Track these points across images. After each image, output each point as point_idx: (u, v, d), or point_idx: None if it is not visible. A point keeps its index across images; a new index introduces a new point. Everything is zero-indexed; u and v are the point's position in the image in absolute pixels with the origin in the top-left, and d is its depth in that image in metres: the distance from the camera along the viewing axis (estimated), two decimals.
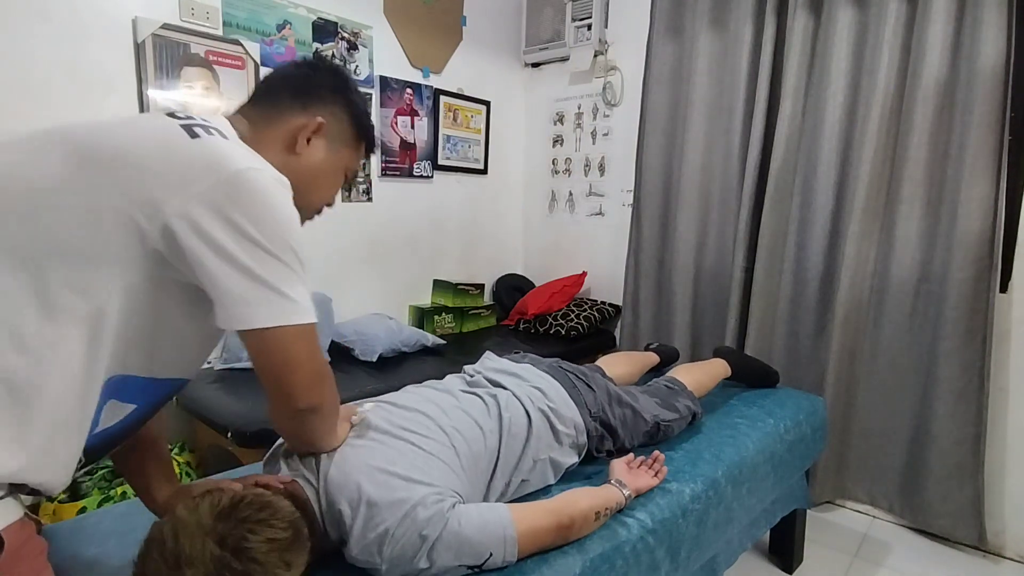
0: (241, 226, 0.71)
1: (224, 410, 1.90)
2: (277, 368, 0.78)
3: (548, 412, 1.25)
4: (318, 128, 0.91)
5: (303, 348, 0.79)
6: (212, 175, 0.71)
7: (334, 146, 0.95)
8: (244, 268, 0.72)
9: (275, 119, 0.91)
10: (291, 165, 0.88)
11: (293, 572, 0.75)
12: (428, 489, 0.92)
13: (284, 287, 0.76)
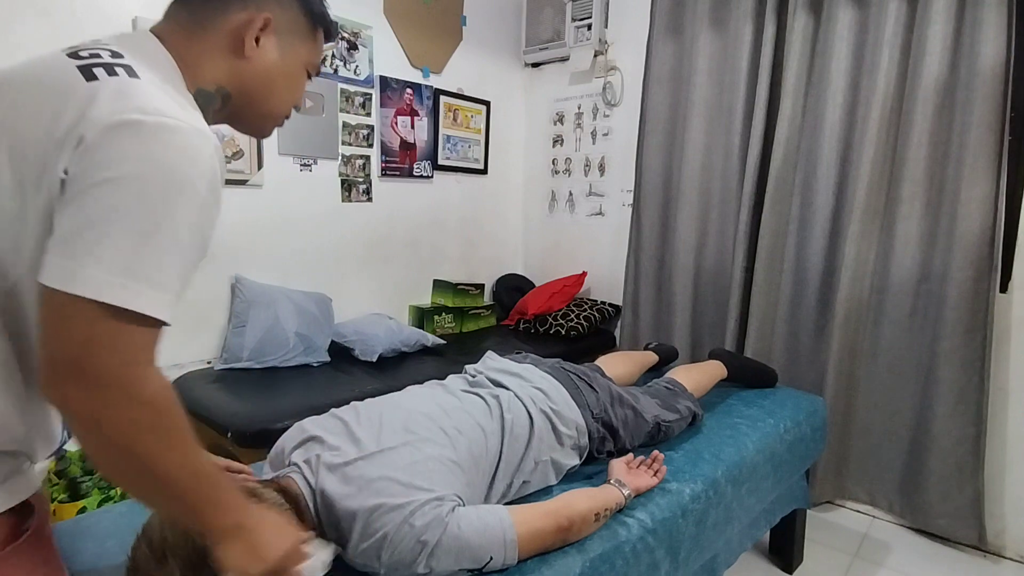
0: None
1: (224, 410, 1.90)
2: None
3: (550, 413, 1.25)
4: (265, 24, 0.77)
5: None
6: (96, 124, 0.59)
7: (287, 41, 0.81)
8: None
9: (212, 19, 0.76)
10: (242, 72, 0.78)
11: None
12: (427, 495, 0.91)
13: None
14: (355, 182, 2.71)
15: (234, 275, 2.33)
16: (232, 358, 2.24)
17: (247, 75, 0.79)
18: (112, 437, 0.60)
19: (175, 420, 0.64)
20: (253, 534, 0.70)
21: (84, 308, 0.56)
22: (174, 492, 0.64)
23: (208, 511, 0.67)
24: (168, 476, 0.63)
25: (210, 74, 0.76)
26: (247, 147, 2.31)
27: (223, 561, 0.68)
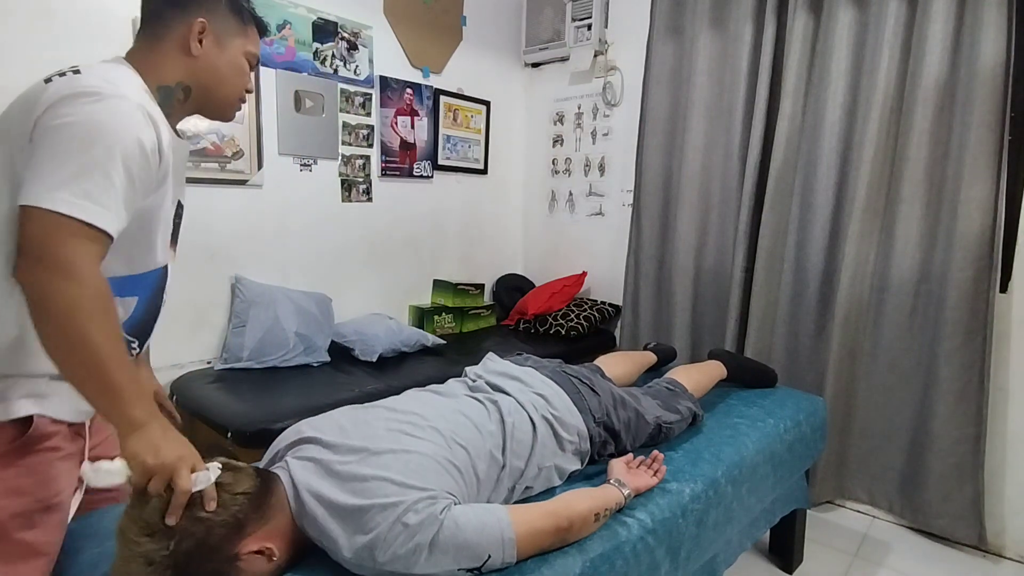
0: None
1: (224, 410, 1.90)
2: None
3: (552, 420, 1.25)
4: (203, 27, 0.98)
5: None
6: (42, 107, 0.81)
7: (224, 38, 1.02)
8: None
9: (162, 34, 0.97)
10: (194, 67, 0.99)
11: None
12: (420, 493, 0.91)
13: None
14: (355, 182, 2.71)
15: (234, 275, 2.33)
16: (232, 358, 2.24)
17: (198, 69, 1.00)
18: (55, 312, 0.77)
19: (108, 309, 0.80)
20: (157, 433, 0.82)
21: (46, 217, 0.77)
22: (99, 371, 0.78)
23: (124, 399, 0.80)
24: (96, 354, 0.78)
25: (169, 73, 0.97)
26: (247, 147, 2.31)
27: (125, 449, 0.81)
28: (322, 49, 2.50)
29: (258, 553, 0.86)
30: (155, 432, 0.82)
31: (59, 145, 0.79)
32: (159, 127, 0.89)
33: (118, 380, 0.80)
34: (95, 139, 0.80)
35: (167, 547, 0.78)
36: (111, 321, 0.81)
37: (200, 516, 0.81)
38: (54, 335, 0.78)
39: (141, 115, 0.85)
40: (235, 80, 1.05)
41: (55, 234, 0.77)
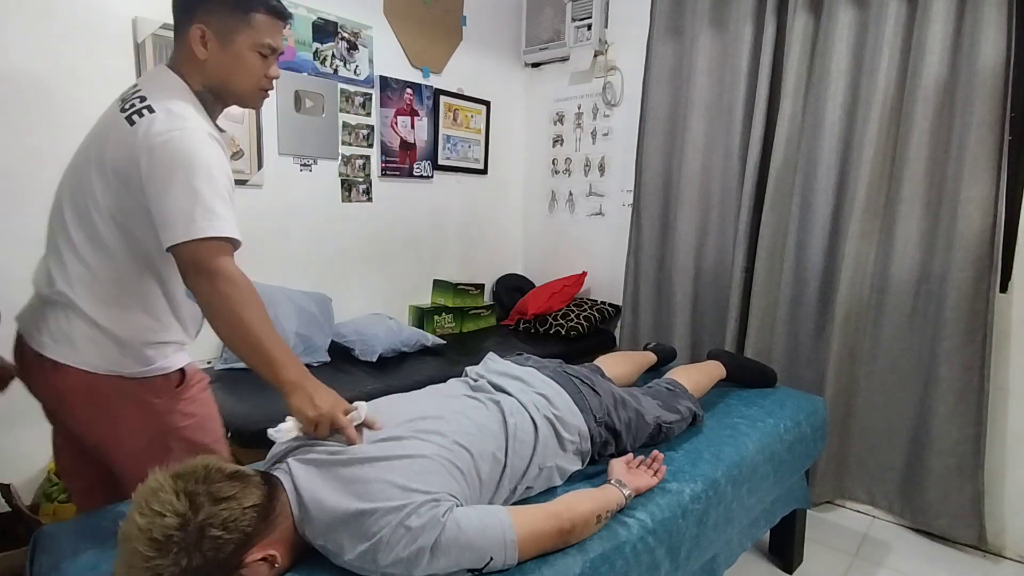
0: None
1: (224, 410, 1.88)
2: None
3: (554, 420, 1.25)
4: (202, 34, 1.07)
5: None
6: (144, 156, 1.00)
7: (225, 37, 1.08)
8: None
9: (181, 44, 1.10)
10: (205, 71, 1.09)
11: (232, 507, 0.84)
12: (423, 496, 0.91)
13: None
14: (355, 182, 2.71)
15: None
16: (232, 358, 2.24)
17: (209, 71, 1.09)
18: (219, 310, 1.00)
19: (255, 299, 1.03)
20: (310, 389, 1.02)
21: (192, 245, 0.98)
22: (258, 348, 1.01)
23: (280, 366, 1.01)
24: (252, 334, 1.00)
25: (195, 80, 1.10)
26: (247, 147, 2.31)
27: (291, 407, 1.01)
28: (322, 49, 2.50)
29: (262, 560, 0.86)
30: (309, 389, 1.02)
31: (173, 187, 0.98)
32: (221, 145, 1.06)
33: (274, 353, 1.01)
34: (194, 169, 0.98)
35: (177, 563, 0.77)
36: (259, 307, 1.03)
37: (212, 534, 0.80)
38: (223, 326, 1.01)
39: (212, 140, 1.03)
40: (244, 74, 1.11)
41: (202, 254, 0.98)
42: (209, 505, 0.81)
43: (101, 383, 1.07)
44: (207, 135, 1.02)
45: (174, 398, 1.16)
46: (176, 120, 1.01)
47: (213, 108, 1.13)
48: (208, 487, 0.83)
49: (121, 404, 1.10)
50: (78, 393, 1.08)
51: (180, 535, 0.78)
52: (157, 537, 0.77)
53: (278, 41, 1.12)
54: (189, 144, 0.99)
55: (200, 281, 1.00)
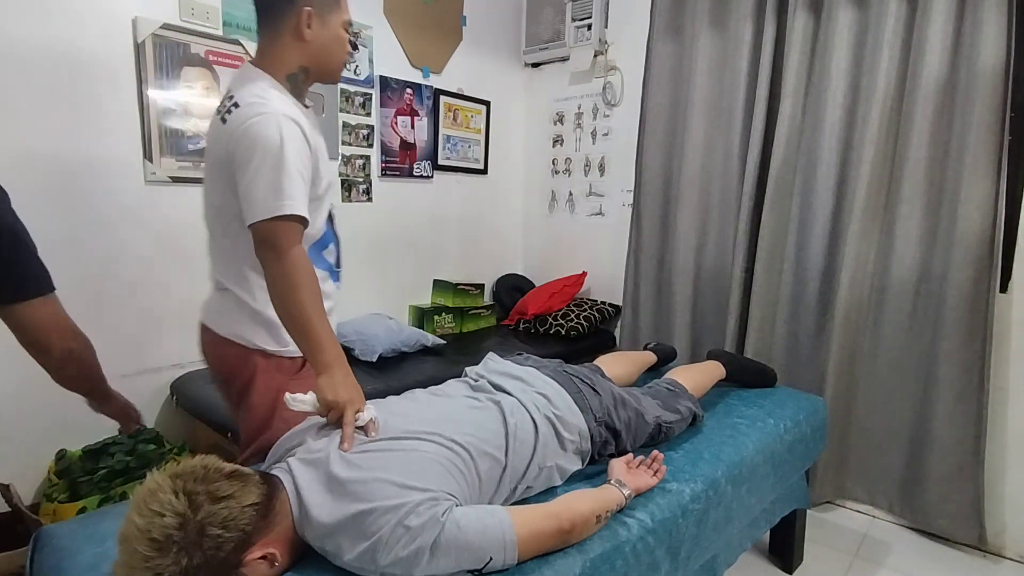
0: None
1: (224, 410, 1.90)
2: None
3: (554, 420, 1.25)
4: (309, 15, 1.17)
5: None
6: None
7: (325, 17, 1.20)
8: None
9: (281, 27, 1.18)
10: (308, 50, 1.20)
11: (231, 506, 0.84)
12: (422, 495, 0.91)
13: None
14: (355, 182, 2.71)
15: None
16: None
17: (313, 51, 1.20)
18: (277, 284, 1.09)
19: (310, 280, 1.10)
20: (338, 376, 1.09)
21: (262, 225, 1.08)
22: (305, 327, 1.09)
23: (319, 347, 1.10)
24: (302, 314, 1.09)
25: (292, 61, 1.20)
26: None
27: (317, 385, 1.09)
28: None
29: (262, 559, 0.86)
30: (337, 375, 1.09)
31: (250, 170, 1.08)
32: (301, 124, 1.14)
33: (317, 334, 1.10)
34: (269, 152, 1.08)
35: (178, 563, 0.77)
36: (313, 289, 1.10)
37: (211, 533, 0.80)
38: (278, 302, 1.11)
39: (288, 121, 1.11)
40: (341, 50, 1.25)
41: (270, 233, 1.08)
42: (208, 504, 0.81)
43: (249, 354, 1.24)
44: (285, 117, 1.11)
45: (292, 380, 1.27)
46: (256, 107, 1.11)
47: (302, 88, 1.26)
48: (207, 486, 0.83)
49: (258, 374, 1.25)
50: (227, 362, 1.26)
51: (180, 534, 0.78)
52: (157, 537, 0.77)
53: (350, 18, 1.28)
54: (266, 128, 1.09)
55: (266, 258, 1.10)
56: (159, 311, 2.15)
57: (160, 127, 2.07)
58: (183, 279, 2.20)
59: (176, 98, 2.10)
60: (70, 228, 1.92)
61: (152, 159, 2.07)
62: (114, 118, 1.98)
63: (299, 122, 1.14)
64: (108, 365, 2.05)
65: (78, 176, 1.92)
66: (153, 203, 2.09)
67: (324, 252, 1.30)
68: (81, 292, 1.96)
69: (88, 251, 1.97)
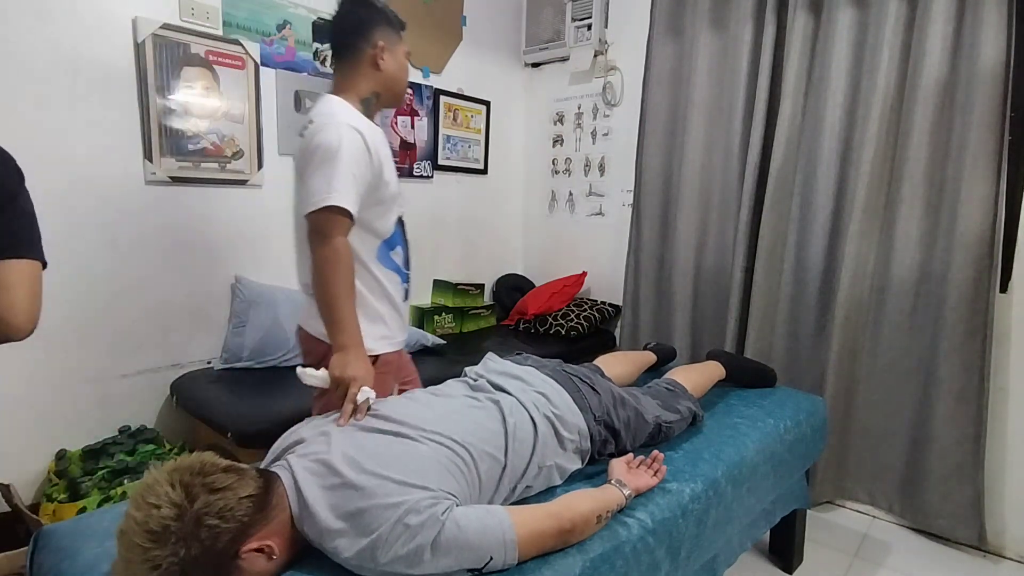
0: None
1: (224, 410, 1.90)
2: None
3: (553, 419, 1.25)
4: (383, 47, 1.37)
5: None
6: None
7: (394, 48, 1.41)
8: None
9: (358, 59, 1.37)
10: (380, 78, 1.39)
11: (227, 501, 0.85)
12: (422, 493, 0.91)
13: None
14: None
15: (234, 275, 2.33)
16: (232, 358, 2.24)
17: (384, 78, 1.40)
18: (318, 267, 1.24)
19: (347, 267, 1.25)
20: (350, 356, 1.22)
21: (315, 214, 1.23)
22: (331, 307, 1.24)
23: (339, 328, 1.24)
24: (331, 296, 1.23)
25: (366, 87, 1.39)
26: (247, 147, 2.31)
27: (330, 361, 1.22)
28: (322, 49, 2.50)
29: (258, 551, 0.86)
30: (350, 355, 1.22)
31: (313, 168, 1.24)
32: (363, 132, 1.29)
33: (342, 313, 1.23)
34: (326, 152, 1.23)
35: (175, 553, 0.78)
36: (347, 275, 1.25)
37: (208, 523, 0.81)
38: (315, 282, 1.25)
39: (350, 130, 1.26)
40: (405, 77, 1.46)
41: (318, 222, 1.23)
42: (205, 495, 0.82)
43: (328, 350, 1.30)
44: (348, 126, 1.26)
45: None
46: (325, 119, 1.28)
47: (373, 110, 1.42)
48: (203, 478, 0.84)
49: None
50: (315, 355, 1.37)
51: (177, 525, 0.78)
52: (154, 528, 0.78)
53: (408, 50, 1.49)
54: (328, 134, 1.25)
55: (313, 242, 1.24)
56: (159, 311, 2.15)
57: (160, 127, 2.07)
58: (183, 279, 2.20)
59: (176, 98, 2.10)
60: (70, 228, 1.92)
61: (152, 159, 2.07)
62: (114, 118, 1.98)
63: (362, 132, 1.28)
64: (108, 365, 2.07)
65: (78, 176, 1.92)
66: (153, 203, 2.09)
67: (392, 253, 1.44)
68: (81, 292, 1.96)
69: (88, 251, 1.97)
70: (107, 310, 2.02)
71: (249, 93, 2.29)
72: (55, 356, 1.93)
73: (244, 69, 2.26)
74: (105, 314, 2.02)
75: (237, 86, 2.25)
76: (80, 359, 1.98)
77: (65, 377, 1.95)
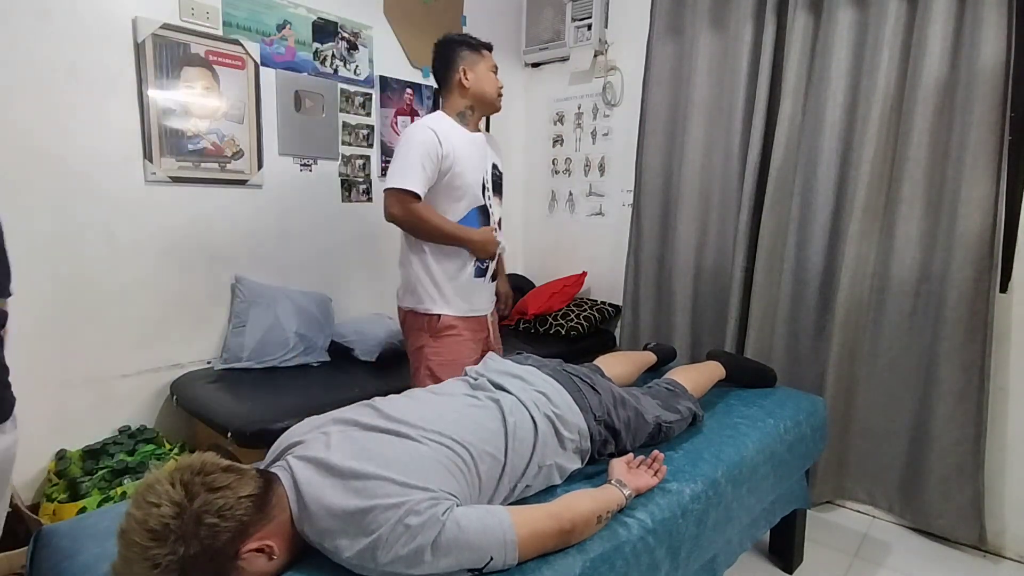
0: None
1: (224, 410, 1.90)
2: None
3: (553, 418, 1.25)
4: (465, 71, 1.77)
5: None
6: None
7: (476, 68, 1.78)
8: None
9: (449, 84, 1.80)
10: (470, 94, 1.78)
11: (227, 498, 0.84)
12: (422, 493, 0.91)
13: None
14: (355, 182, 2.71)
15: (234, 275, 2.34)
16: (232, 358, 2.24)
17: (472, 94, 1.79)
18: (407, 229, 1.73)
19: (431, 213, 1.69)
20: (477, 241, 1.76)
21: (387, 191, 1.67)
22: (442, 236, 1.72)
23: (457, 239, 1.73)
24: (429, 233, 1.71)
25: (460, 104, 1.80)
26: (247, 147, 2.31)
27: (474, 246, 1.76)
28: (322, 49, 2.50)
29: (258, 551, 0.86)
30: (477, 243, 1.76)
31: (394, 157, 1.70)
32: (439, 135, 1.67)
33: (454, 231, 1.72)
34: (402, 145, 1.68)
35: (175, 551, 0.78)
36: (428, 213, 1.69)
37: (208, 522, 0.81)
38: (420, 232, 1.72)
39: (426, 129, 1.68)
40: (491, 88, 1.81)
41: (388, 198, 1.68)
42: (205, 493, 0.82)
43: (406, 316, 1.82)
44: (425, 126, 1.69)
45: (432, 335, 1.76)
46: (419, 122, 1.73)
47: (469, 119, 1.81)
48: (203, 477, 0.84)
49: (412, 330, 1.81)
50: (402, 326, 1.86)
51: (176, 523, 0.79)
52: (154, 527, 0.78)
53: (495, 64, 1.83)
54: (408, 130, 1.70)
55: (390, 216, 1.69)
56: (159, 311, 2.15)
57: (160, 127, 2.07)
58: (183, 279, 2.20)
59: (176, 98, 2.10)
60: (70, 228, 1.92)
61: (152, 159, 2.07)
62: (114, 118, 1.99)
63: (436, 131, 1.67)
64: (108, 365, 2.07)
65: (78, 176, 1.93)
66: (153, 203, 2.09)
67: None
68: (81, 292, 1.96)
69: (88, 251, 1.97)
70: (107, 310, 2.02)
71: (249, 93, 2.29)
72: (55, 356, 1.93)
73: (244, 69, 2.26)
74: (105, 314, 2.02)
75: (237, 86, 2.25)
76: (80, 359, 1.98)
77: (65, 377, 1.96)
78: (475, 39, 1.81)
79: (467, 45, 1.78)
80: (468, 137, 1.75)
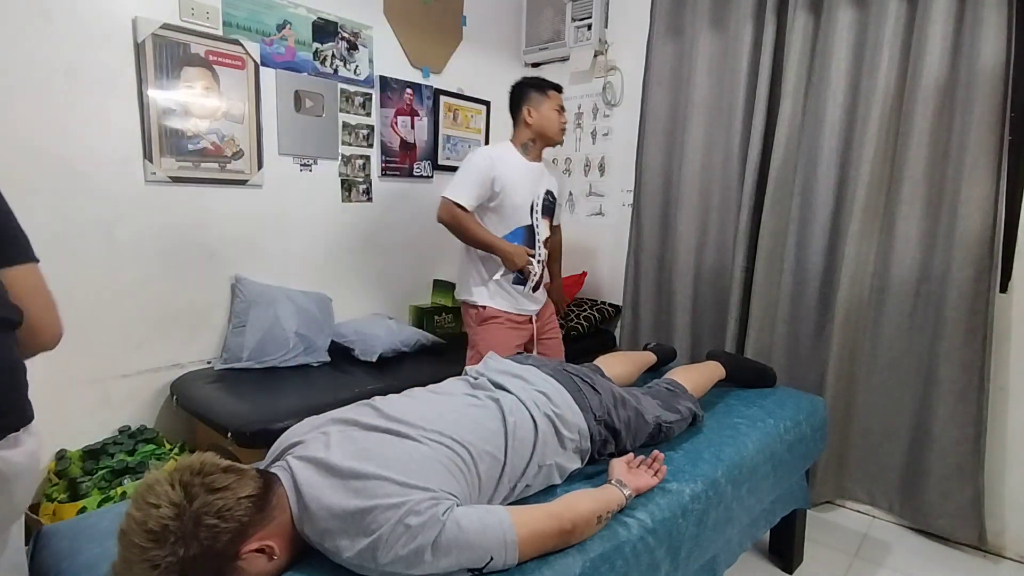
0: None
1: (224, 410, 1.90)
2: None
3: (554, 418, 1.25)
4: (529, 110, 2.04)
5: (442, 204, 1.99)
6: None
7: (539, 107, 2.04)
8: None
9: (518, 121, 2.09)
10: (532, 129, 2.05)
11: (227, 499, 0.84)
12: (423, 493, 0.91)
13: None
14: (355, 182, 2.71)
15: (234, 275, 2.33)
16: (232, 358, 2.24)
17: (534, 129, 2.05)
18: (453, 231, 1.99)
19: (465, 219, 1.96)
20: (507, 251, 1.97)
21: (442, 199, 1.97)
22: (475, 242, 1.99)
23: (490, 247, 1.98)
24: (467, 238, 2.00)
25: (524, 137, 2.07)
26: (247, 147, 2.31)
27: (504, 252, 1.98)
28: (322, 49, 2.50)
29: (259, 552, 0.86)
30: (507, 253, 1.96)
31: (457, 171, 1.99)
32: (495, 161, 1.97)
33: (487, 239, 1.97)
34: (467, 166, 1.97)
35: (174, 553, 0.78)
36: (469, 222, 1.95)
37: (207, 523, 0.81)
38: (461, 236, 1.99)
39: (485, 155, 1.99)
40: (552, 125, 2.06)
41: (441, 204, 1.96)
42: (204, 494, 0.82)
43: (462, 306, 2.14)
44: (485, 153, 2.01)
45: (478, 324, 2.05)
46: (482, 149, 2.06)
47: (531, 150, 2.07)
48: (203, 478, 0.84)
49: (466, 319, 2.12)
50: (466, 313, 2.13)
51: (176, 524, 0.78)
52: (153, 528, 0.78)
53: (561, 102, 2.08)
54: (474, 152, 2.01)
55: (439, 216, 1.97)
56: (159, 311, 2.15)
57: (160, 127, 2.07)
58: (183, 279, 2.20)
59: (176, 98, 2.10)
60: (70, 228, 1.92)
61: (152, 159, 2.07)
62: (114, 118, 1.98)
63: (494, 157, 1.97)
64: (108, 365, 2.07)
65: (78, 176, 1.92)
66: (153, 203, 2.09)
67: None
68: (81, 292, 1.96)
69: (88, 251, 1.97)
70: (107, 310, 2.02)
71: (249, 93, 2.29)
72: (55, 356, 1.92)
73: (244, 69, 2.26)
74: (105, 314, 2.02)
75: (237, 86, 2.25)
76: (80, 359, 1.98)
77: (65, 377, 1.95)
78: (544, 81, 2.07)
79: (535, 87, 2.05)
80: (526, 166, 2.04)
